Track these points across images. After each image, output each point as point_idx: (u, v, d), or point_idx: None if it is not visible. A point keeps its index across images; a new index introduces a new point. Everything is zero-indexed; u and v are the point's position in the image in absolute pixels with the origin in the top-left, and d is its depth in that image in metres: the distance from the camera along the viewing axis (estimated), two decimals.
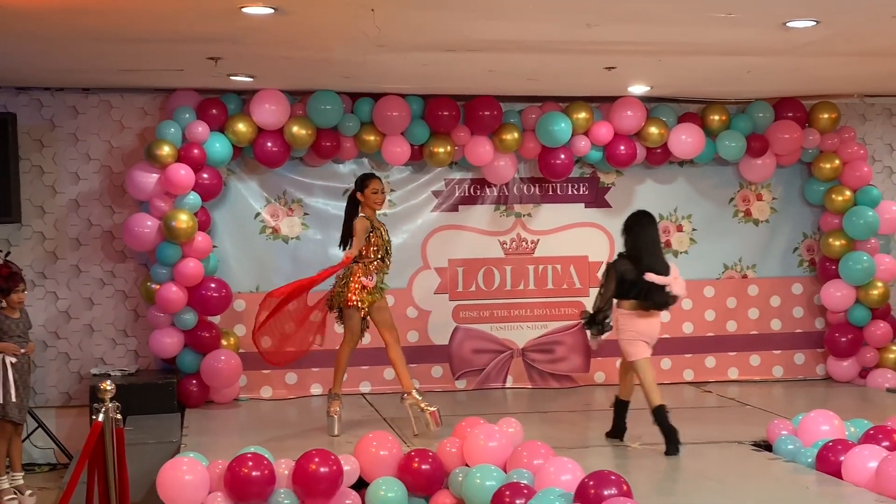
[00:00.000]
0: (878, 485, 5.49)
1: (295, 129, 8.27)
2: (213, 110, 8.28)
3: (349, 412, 8.12)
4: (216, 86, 8.21)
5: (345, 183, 8.85)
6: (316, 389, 8.76)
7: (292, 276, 8.70)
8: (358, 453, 6.04)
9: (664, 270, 6.66)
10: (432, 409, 6.97)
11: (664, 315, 7.16)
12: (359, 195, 7.14)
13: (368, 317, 7.14)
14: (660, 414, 6.54)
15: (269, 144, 8.33)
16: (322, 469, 5.65)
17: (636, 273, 6.59)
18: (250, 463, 5.60)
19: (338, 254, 8.43)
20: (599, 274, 7.27)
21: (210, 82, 8.05)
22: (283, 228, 8.76)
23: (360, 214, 7.12)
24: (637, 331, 6.65)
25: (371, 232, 7.06)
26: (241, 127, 8.27)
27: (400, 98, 8.44)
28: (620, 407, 6.97)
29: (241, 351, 8.47)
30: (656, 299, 6.63)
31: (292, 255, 8.75)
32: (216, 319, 8.43)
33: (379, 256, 7.09)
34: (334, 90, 8.32)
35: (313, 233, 8.81)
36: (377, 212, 7.22)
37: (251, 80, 7.92)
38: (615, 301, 6.71)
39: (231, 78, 7.82)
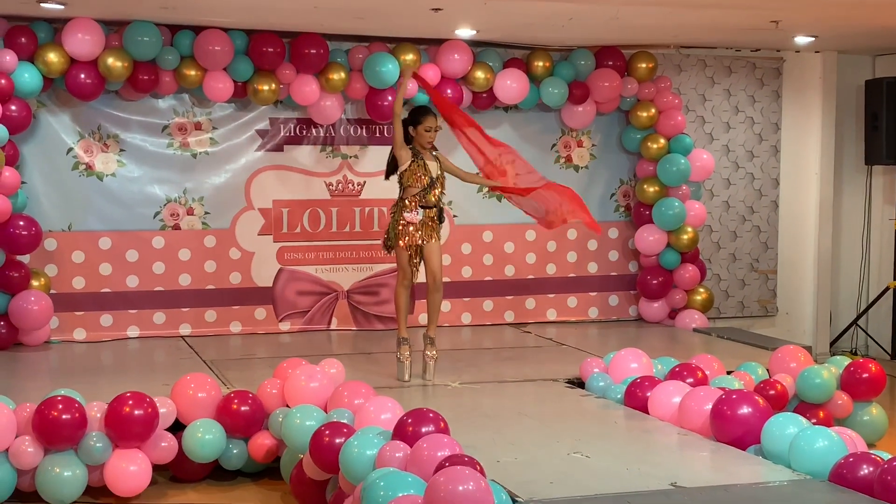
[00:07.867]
0: (681, 418, 5.77)
1: (110, 60, 7.91)
2: (22, 38, 7.81)
3: (168, 355, 7.97)
4: (25, 13, 7.74)
5: (164, 119, 8.55)
6: (133, 332, 8.52)
7: (107, 214, 8.44)
8: (175, 395, 5.93)
9: None
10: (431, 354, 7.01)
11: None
12: (410, 129, 6.94)
13: (419, 255, 6.93)
14: None
15: (83, 76, 7.94)
16: (136, 412, 5.52)
17: None
18: (60, 406, 5.40)
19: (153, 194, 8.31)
20: None
21: (19, 9, 7.60)
22: (97, 165, 8.40)
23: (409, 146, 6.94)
24: None
25: (413, 162, 6.87)
26: (53, 57, 7.85)
27: (222, 32, 8.17)
28: None
29: (52, 292, 8.13)
30: None
31: (107, 193, 8.42)
32: (26, 259, 8.04)
33: (419, 191, 6.85)
34: (152, 21, 7.99)
35: (130, 170, 8.49)
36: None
37: (62, 7, 7.50)
38: None
39: (42, 5, 7.39)
